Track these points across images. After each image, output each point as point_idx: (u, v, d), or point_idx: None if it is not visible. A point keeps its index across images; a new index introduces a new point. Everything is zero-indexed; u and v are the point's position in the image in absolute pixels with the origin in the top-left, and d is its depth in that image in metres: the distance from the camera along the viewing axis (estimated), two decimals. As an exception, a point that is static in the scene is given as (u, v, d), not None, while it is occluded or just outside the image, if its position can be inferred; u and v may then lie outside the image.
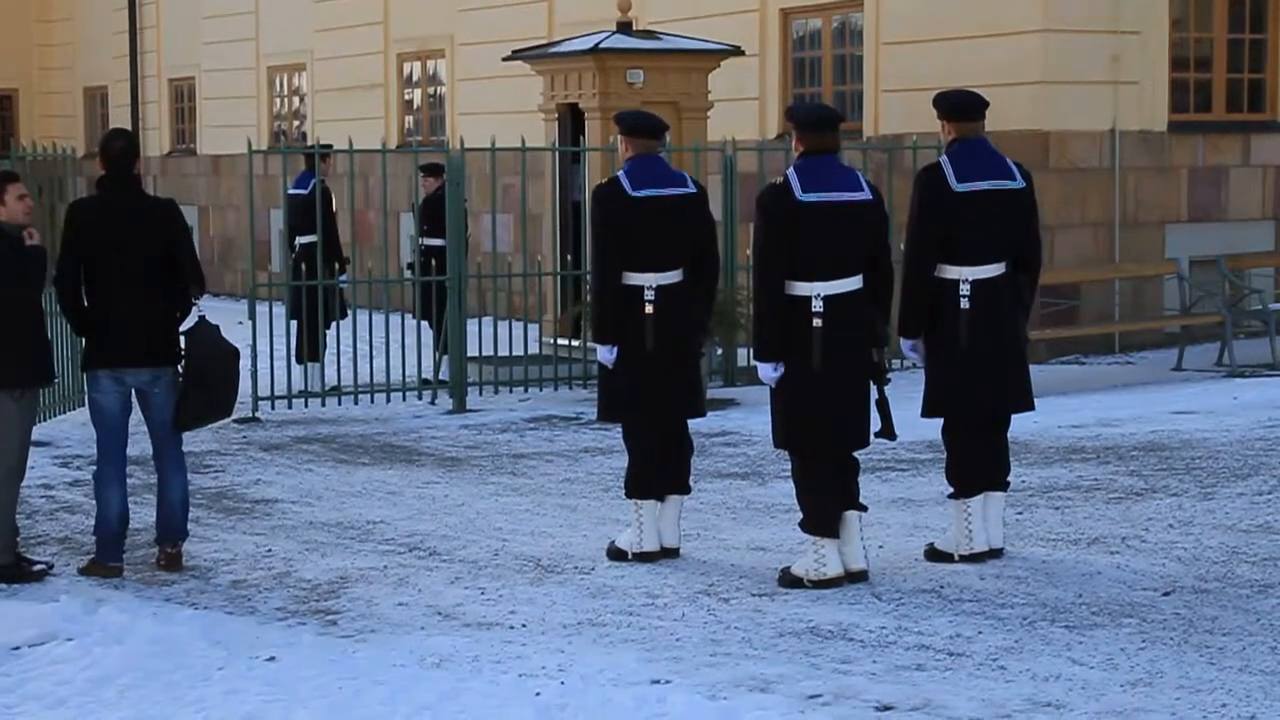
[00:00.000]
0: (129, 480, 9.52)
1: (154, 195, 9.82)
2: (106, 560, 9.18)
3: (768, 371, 8.50)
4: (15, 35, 34.18)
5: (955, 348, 8.75)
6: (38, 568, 9.14)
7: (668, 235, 9.10)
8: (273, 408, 14.90)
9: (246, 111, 27.98)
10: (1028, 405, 9.03)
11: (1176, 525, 9.58)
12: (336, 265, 15.89)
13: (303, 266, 15.58)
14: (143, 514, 9.94)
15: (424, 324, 16.14)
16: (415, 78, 24.99)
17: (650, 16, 19.50)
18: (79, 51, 33.46)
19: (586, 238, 12.95)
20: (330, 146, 16.73)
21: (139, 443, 9.96)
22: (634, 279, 9.06)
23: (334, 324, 16.12)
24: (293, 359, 15.90)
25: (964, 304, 8.70)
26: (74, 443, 13.23)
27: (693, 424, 9.45)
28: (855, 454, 8.65)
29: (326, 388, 15.68)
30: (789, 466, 8.86)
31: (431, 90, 24.67)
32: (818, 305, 8.36)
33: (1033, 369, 9.24)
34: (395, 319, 16.35)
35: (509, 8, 22.59)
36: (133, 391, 9.19)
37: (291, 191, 16.18)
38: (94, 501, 9.37)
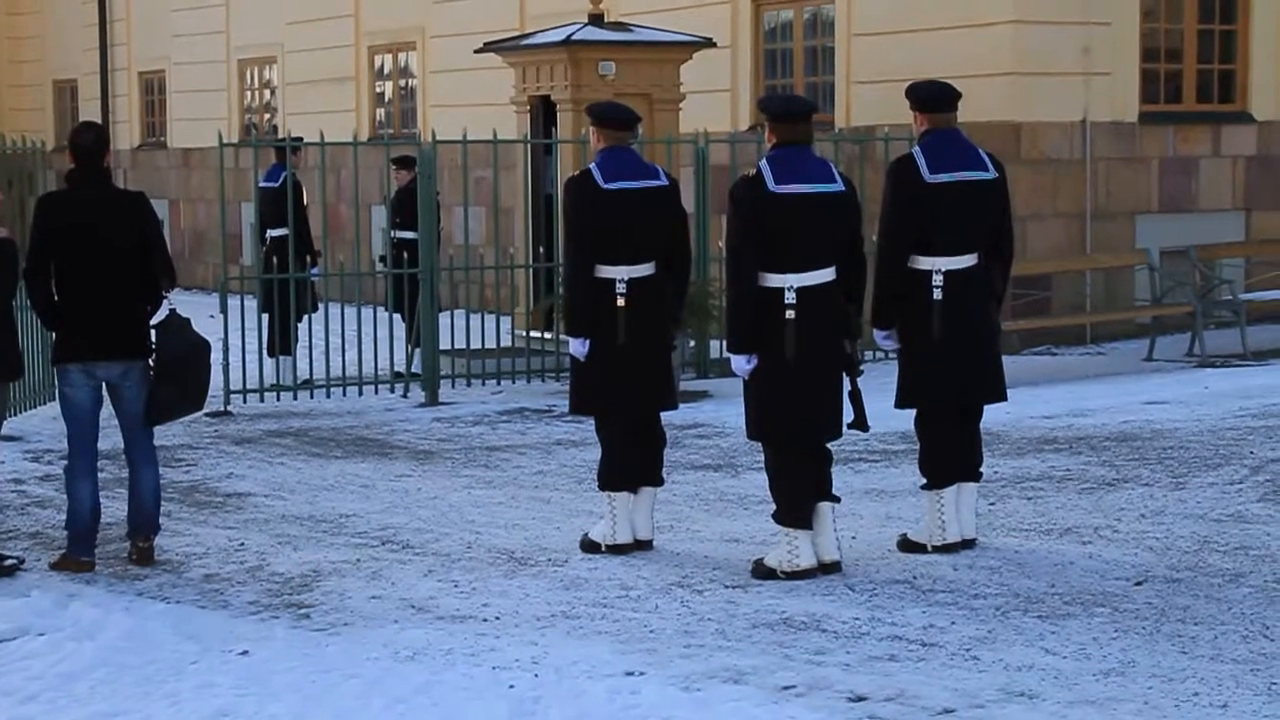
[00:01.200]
0: (100, 474, 9.48)
1: (124, 188, 9.78)
2: (78, 555, 9.15)
3: (741, 363, 8.50)
4: (-17, 29, 34.07)
5: (928, 338, 8.76)
6: (9, 563, 9.10)
7: (639, 228, 9.09)
8: (244, 401, 14.86)
9: (217, 104, 27.90)
10: (1000, 396, 9.06)
11: (1148, 515, 9.61)
12: (308, 258, 15.86)
13: (274, 259, 15.55)
14: (114, 508, 9.90)
15: (396, 316, 16.12)
16: (386, 70, 24.94)
17: (622, 8, 19.50)
18: (48, 44, 33.31)
19: (559, 230, 12.95)
20: (301, 139, 16.68)
21: (110, 436, 9.92)
22: (606, 272, 9.05)
23: (305, 317, 16.09)
24: (264, 352, 15.86)
25: (936, 295, 8.71)
26: (45, 437, 13.18)
27: (665, 416, 9.44)
28: (828, 445, 8.66)
29: (298, 381, 15.65)
30: (762, 458, 8.86)
31: (403, 83, 24.62)
32: (791, 297, 8.35)
33: (1005, 360, 9.26)
34: (367, 312, 16.31)
35: (480, 0, 22.55)
36: (103, 385, 9.16)
37: (262, 185, 16.14)
38: (65, 496, 9.34)
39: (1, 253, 9.03)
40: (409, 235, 15.90)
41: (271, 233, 16.02)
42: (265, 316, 15.99)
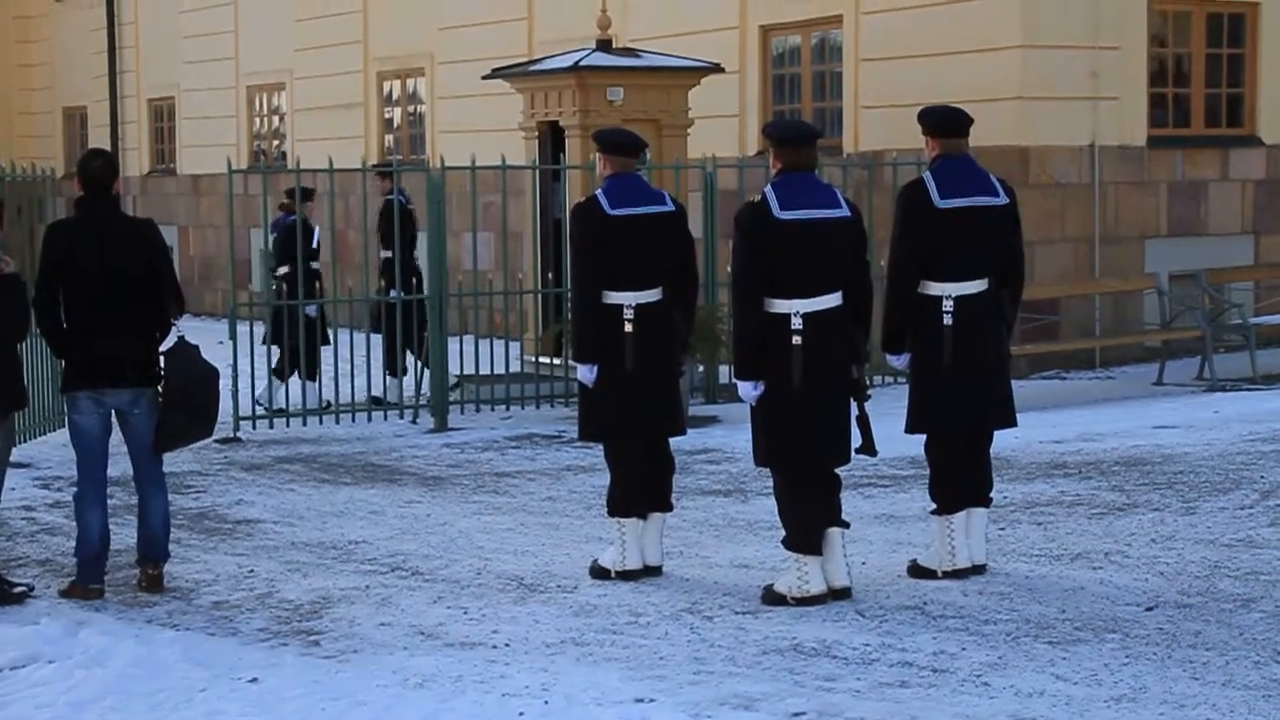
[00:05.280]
0: (110, 501, 9.49)
1: (132, 215, 9.79)
2: (87, 582, 9.14)
3: (748, 390, 8.50)
4: (-6, 56, 34.19)
5: (938, 364, 8.75)
6: (18, 590, 9.09)
7: (646, 254, 9.09)
8: (254, 427, 14.87)
9: (226, 131, 27.96)
10: (1010, 421, 9.04)
11: (1159, 540, 9.59)
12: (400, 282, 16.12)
13: (382, 281, 15.90)
14: (124, 535, 9.91)
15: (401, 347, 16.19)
16: (395, 96, 24.99)
17: (630, 34, 19.53)
18: (58, 72, 33.42)
19: (567, 256, 12.96)
20: (391, 165, 17.13)
21: (119, 463, 9.92)
22: (613, 297, 9.05)
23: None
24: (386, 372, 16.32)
25: (947, 320, 8.71)
26: (54, 464, 13.19)
27: (675, 441, 9.44)
28: (837, 470, 8.65)
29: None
30: (771, 484, 8.85)
31: (411, 109, 24.67)
32: (797, 323, 8.35)
33: (1014, 384, 9.25)
34: (376, 338, 16.37)
35: (489, 26, 22.61)
36: (113, 412, 9.16)
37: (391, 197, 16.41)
38: (75, 523, 9.33)
39: (8, 287, 9.01)
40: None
41: (383, 254, 16.22)
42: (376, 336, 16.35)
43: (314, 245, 16.28)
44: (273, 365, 16.28)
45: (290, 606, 8.86)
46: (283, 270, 15.89)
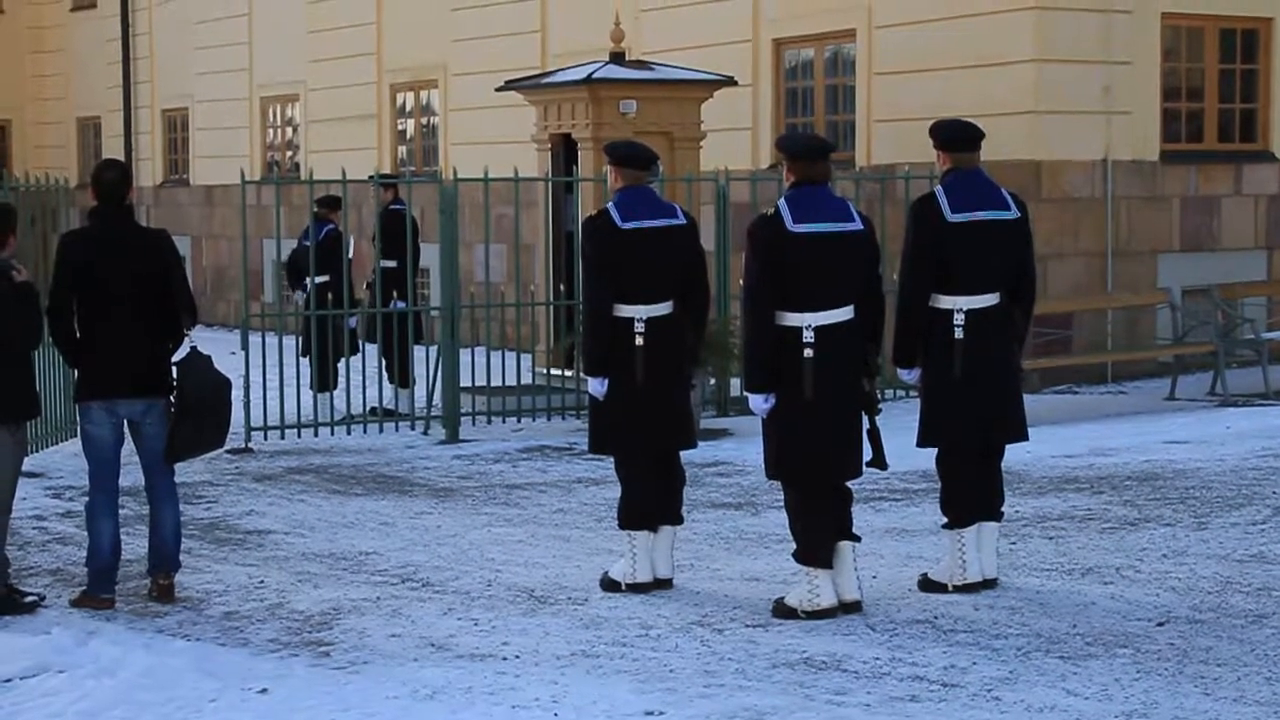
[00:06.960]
0: (121, 511, 9.49)
1: (146, 225, 9.80)
2: (99, 592, 9.15)
3: (759, 402, 8.50)
4: (9, 66, 34.23)
5: (949, 377, 8.75)
6: (29, 599, 9.11)
7: (658, 267, 9.10)
8: (265, 438, 14.88)
9: (239, 142, 28.01)
10: (1021, 435, 9.03)
11: (1170, 555, 9.58)
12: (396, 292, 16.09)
13: (392, 290, 15.85)
14: (135, 545, 9.91)
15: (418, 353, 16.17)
16: (408, 108, 25.02)
17: (643, 47, 19.55)
18: (72, 82, 33.50)
19: (579, 268, 12.96)
20: (391, 175, 17.08)
21: (131, 473, 9.93)
22: (625, 311, 9.05)
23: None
24: (384, 379, 16.37)
25: (958, 334, 8.71)
26: (66, 474, 13.20)
27: (686, 454, 9.44)
28: (848, 484, 8.64)
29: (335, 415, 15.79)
30: (782, 497, 8.85)
31: (425, 120, 24.70)
32: (809, 335, 8.35)
33: (1026, 399, 9.24)
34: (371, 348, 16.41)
35: (502, 38, 22.64)
36: (125, 422, 9.17)
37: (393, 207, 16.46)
38: (86, 533, 9.34)
39: (21, 296, 9.02)
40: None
41: (383, 263, 16.25)
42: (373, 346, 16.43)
43: (349, 256, 16.27)
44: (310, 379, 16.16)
45: (301, 617, 8.86)
46: (321, 279, 15.82)
